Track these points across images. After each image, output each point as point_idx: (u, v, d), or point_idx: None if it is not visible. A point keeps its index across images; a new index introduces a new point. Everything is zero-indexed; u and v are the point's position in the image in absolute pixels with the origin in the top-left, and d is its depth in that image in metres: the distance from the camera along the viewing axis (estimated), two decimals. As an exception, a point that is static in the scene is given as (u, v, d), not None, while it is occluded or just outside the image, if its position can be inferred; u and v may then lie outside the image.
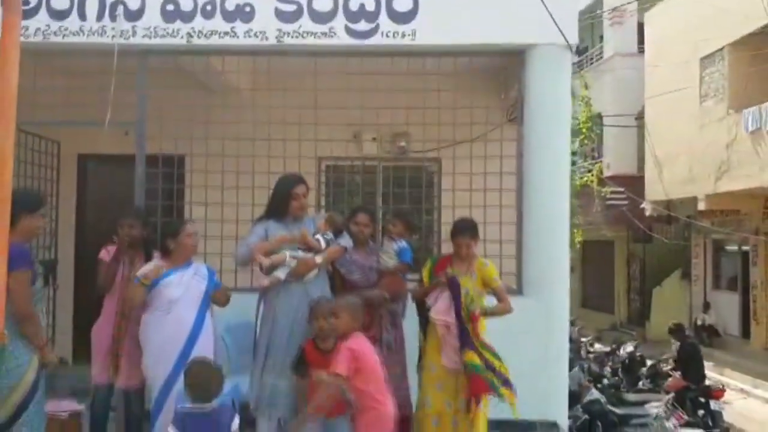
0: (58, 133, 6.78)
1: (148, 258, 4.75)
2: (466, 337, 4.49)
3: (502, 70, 6.30)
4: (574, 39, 5.54)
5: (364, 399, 3.92)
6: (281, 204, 4.55)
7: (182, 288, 4.35)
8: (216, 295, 4.53)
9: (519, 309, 5.44)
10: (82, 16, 5.58)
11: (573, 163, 16.92)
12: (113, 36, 5.51)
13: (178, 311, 4.31)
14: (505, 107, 6.55)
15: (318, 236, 4.45)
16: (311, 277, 4.42)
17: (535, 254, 5.58)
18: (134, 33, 5.55)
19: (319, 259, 4.40)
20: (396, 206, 6.40)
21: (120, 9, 5.54)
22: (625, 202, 16.51)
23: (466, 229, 4.74)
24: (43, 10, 5.53)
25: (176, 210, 6.15)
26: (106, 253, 4.92)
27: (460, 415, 4.54)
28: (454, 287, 4.57)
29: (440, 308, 4.61)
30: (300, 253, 4.38)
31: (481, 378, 4.44)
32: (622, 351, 11.35)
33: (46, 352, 3.85)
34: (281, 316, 4.40)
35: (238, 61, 5.97)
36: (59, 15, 5.59)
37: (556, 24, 5.27)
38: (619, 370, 10.79)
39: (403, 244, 4.90)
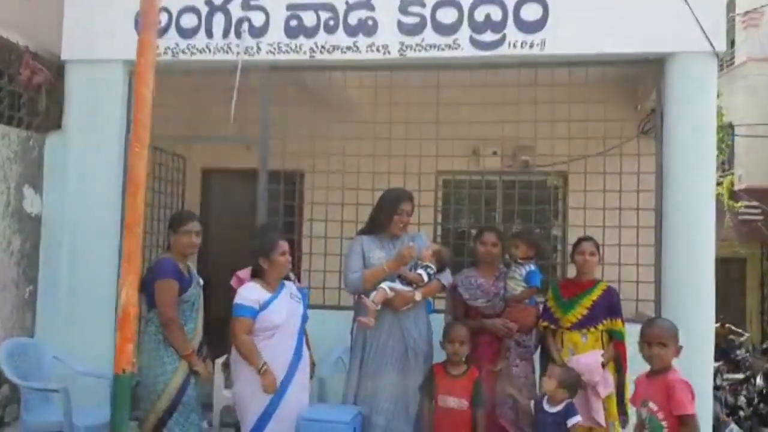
0: (183, 148, 6.95)
1: None
2: None
3: (639, 79, 5.84)
4: (721, 46, 5.06)
5: None
6: (385, 218, 4.38)
7: (284, 312, 4.02)
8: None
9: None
10: (209, 33, 5.67)
11: (701, 176, 15.94)
12: (238, 53, 5.56)
13: (281, 337, 3.99)
14: (640, 119, 6.09)
15: (420, 270, 4.28)
16: (404, 309, 4.26)
17: (676, 280, 5.09)
18: (258, 49, 5.58)
19: (418, 296, 4.25)
20: (517, 226, 6.08)
21: (245, 26, 5.59)
22: (760, 217, 15.28)
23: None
24: (172, 29, 5.66)
25: (297, 226, 6.15)
26: (238, 281, 4.51)
27: None
28: None
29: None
30: (399, 286, 4.24)
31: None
32: (758, 380, 10.44)
33: (193, 361, 3.96)
34: (371, 342, 4.28)
35: (360, 76, 5.87)
36: (187, 33, 5.71)
37: (703, 30, 4.83)
38: (754, 400, 9.91)
39: (531, 267, 4.52)
